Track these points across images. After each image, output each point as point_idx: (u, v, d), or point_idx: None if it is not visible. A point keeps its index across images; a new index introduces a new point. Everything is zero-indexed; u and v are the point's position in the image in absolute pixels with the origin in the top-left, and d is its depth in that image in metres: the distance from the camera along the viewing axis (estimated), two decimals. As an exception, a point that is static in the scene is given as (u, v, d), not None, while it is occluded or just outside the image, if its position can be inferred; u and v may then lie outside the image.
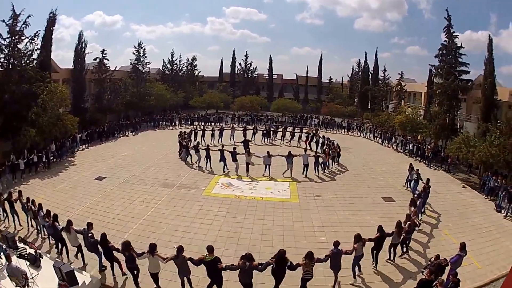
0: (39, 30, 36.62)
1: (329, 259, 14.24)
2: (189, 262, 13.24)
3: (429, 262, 15.22)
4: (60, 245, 15.98)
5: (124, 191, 25.47)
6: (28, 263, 13.03)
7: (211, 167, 31.27)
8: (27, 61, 34.81)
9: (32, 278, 11.98)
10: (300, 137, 44.85)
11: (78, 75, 48.85)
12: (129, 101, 57.87)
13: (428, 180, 24.79)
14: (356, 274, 15.63)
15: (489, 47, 36.54)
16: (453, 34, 42.11)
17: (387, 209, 24.19)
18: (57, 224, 15.58)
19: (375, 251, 16.48)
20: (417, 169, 28.34)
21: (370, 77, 74.05)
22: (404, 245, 18.08)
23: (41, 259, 13.49)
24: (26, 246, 14.32)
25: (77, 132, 38.03)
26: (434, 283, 12.65)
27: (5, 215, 20.06)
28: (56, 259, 14.85)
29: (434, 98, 45.28)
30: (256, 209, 22.96)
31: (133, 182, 27.47)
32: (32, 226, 19.16)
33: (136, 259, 13.53)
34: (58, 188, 25.86)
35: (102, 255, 14.65)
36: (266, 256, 13.76)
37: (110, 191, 25.40)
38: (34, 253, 13.53)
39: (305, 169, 30.77)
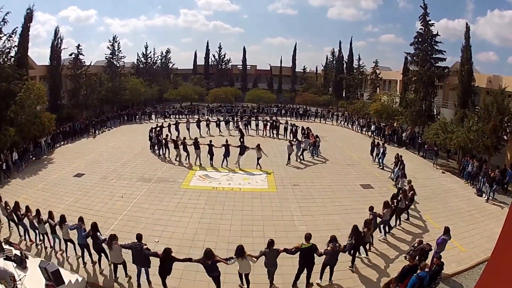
0: (17, 27, 36.39)
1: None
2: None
3: (412, 247, 15.53)
4: (85, 254, 15.23)
5: (103, 187, 25.32)
6: (14, 264, 12.89)
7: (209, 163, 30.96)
8: (5, 59, 34.34)
9: (20, 279, 11.90)
10: (257, 126, 46.47)
11: (54, 71, 48.18)
12: (104, 96, 57.59)
13: (398, 155, 28.17)
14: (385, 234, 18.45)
15: (466, 34, 36.50)
16: (429, 22, 42.30)
17: (366, 196, 24.49)
18: (99, 234, 14.59)
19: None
20: (383, 143, 33.08)
21: (344, 65, 74.03)
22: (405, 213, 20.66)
23: (26, 260, 13.37)
24: (12, 248, 14.12)
25: (40, 136, 35.67)
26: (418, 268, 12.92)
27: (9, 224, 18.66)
28: (42, 259, 14.59)
29: (410, 86, 45.64)
30: (235, 200, 23.06)
31: (112, 178, 27.35)
32: (40, 240, 17.35)
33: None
34: (39, 187, 25.57)
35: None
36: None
37: (90, 187, 25.22)
38: (19, 254, 13.38)
39: (302, 154, 33.22)
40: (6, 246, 14.01)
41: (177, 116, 57.52)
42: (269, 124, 45.52)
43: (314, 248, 13.38)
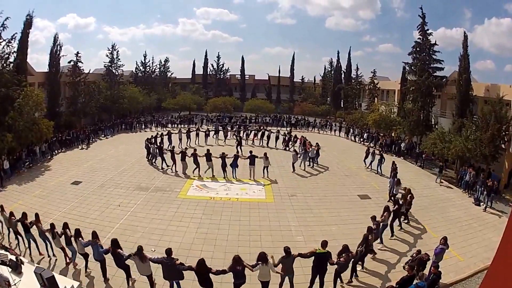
0: (16, 33, 36.24)
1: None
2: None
3: (410, 258, 15.54)
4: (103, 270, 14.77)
5: (100, 195, 25.24)
6: (9, 269, 12.79)
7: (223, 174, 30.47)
8: (4, 65, 34.27)
9: (15, 284, 11.81)
10: (247, 135, 46.80)
11: (53, 78, 48.11)
12: (102, 104, 57.58)
13: (393, 162, 29.02)
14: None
15: (464, 43, 36.41)
16: (427, 32, 42.37)
17: (363, 206, 24.45)
18: (120, 251, 14.06)
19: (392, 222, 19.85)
20: (380, 150, 35.06)
21: (342, 75, 74.39)
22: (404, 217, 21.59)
23: (22, 265, 13.25)
24: (7, 253, 13.98)
25: (35, 144, 35.42)
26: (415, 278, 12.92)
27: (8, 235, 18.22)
28: (38, 265, 14.52)
29: (408, 95, 45.59)
30: (232, 210, 22.98)
31: (109, 186, 27.26)
32: (53, 255, 16.83)
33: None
34: (36, 193, 25.52)
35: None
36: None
37: (87, 195, 25.14)
38: (15, 260, 13.26)
39: (311, 162, 34.42)
40: (1, 251, 13.89)
41: (170, 125, 58.19)
42: (259, 133, 45.80)
43: (328, 256, 13.56)
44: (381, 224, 17.96)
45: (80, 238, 15.06)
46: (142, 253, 13.40)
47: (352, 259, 14.47)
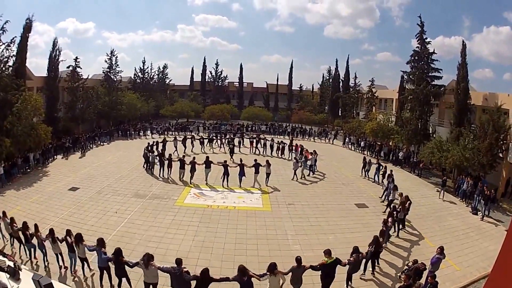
0: (15, 37, 36.11)
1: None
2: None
3: (407, 267, 15.59)
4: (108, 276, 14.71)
5: (98, 202, 25.16)
6: (7, 276, 12.74)
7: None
8: (3, 68, 34.04)
9: (13, 291, 11.81)
10: (241, 143, 47.28)
11: (51, 83, 47.99)
12: (101, 110, 57.49)
13: (387, 168, 29.81)
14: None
15: (462, 52, 36.50)
16: (426, 40, 42.33)
17: (361, 215, 24.45)
18: (127, 259, 13.96)
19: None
20: (377, 159, 35.78)
21: (341, 84, 74.28)
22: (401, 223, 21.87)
23: (20, 271, 13.20)
24: (5, 259, 13.92)
25: (30, 151, 34.96)
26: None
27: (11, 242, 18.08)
28: (36, 272, 14.46)
29: (406, 104, 45.58)
30: (229, 219, 22.89)
31: (106, 193, 27.18)
32: (47, 261, 16.66)
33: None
34: (33, 199, 25.44)
35: None
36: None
37: (84, 202, 25.04)
38: (13, 266, 13.21)
39: (310, 170, 34.48)
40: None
41: (166, 133, 58.14)
42: (255, 141, 45.94)
43: (338, 261, 13.74)
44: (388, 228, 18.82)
45: (83, 242, 15.07)
46: (148, 261, 13.24)
47: (363, 259, 15.13)
